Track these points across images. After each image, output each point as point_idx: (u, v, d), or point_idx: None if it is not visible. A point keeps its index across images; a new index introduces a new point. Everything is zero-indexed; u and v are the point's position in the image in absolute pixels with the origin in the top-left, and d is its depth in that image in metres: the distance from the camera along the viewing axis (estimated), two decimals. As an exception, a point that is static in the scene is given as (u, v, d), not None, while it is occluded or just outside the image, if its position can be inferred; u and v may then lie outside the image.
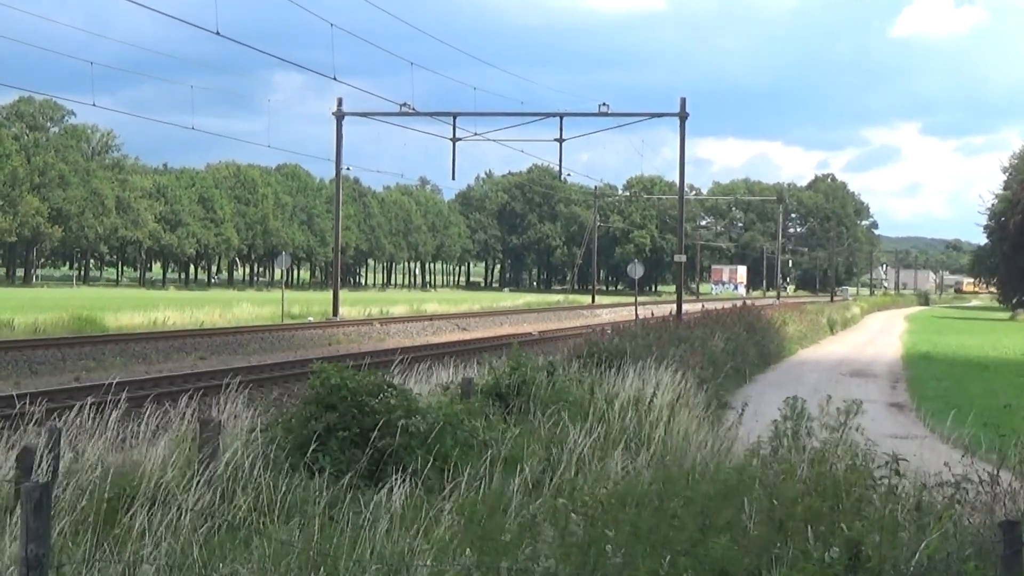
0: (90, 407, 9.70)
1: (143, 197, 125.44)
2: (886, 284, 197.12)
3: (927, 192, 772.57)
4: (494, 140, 48.11)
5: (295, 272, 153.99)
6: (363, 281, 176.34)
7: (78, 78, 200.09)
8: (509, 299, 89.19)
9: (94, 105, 49.52)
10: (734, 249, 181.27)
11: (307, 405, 9.79)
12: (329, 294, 56.25)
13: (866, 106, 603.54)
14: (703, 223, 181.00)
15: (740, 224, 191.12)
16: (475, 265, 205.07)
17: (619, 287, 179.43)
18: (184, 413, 9.59)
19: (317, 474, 8.70)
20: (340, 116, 47.47)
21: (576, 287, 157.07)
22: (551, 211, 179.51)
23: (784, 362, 32.31)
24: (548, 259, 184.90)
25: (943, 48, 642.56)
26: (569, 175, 69.84)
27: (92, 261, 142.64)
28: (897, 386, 25.71)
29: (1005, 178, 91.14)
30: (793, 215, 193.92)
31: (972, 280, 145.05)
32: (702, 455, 10.35)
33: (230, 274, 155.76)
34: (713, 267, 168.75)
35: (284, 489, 8.07)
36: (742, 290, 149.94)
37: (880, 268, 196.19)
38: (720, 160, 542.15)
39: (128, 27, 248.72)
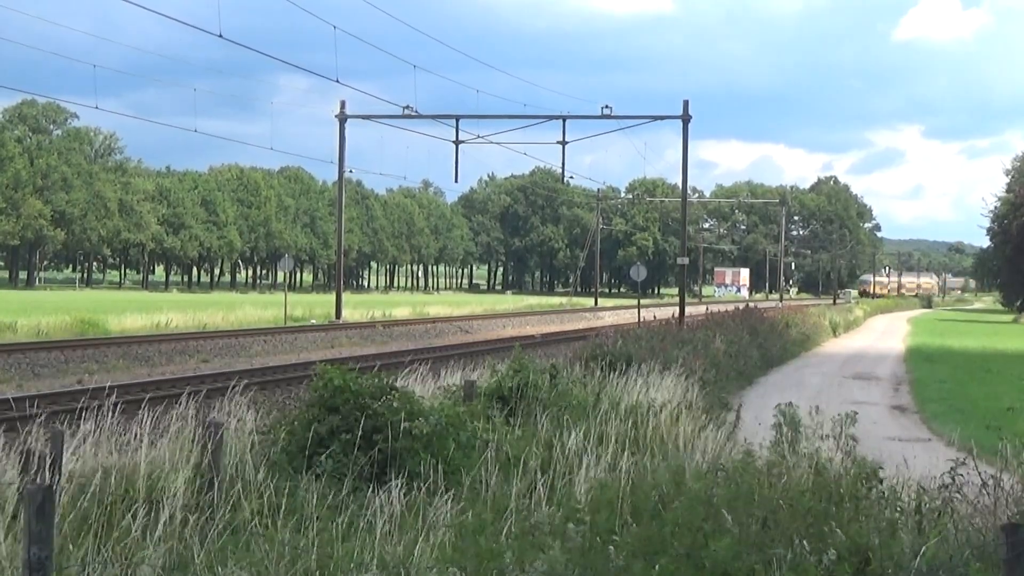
0: (92, 409, 9.70)
1: (146, 200, 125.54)
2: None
3: (930, 195, 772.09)
4: (497, 143, 48.26)
5: (298, 275, 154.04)
6: (366, 284, 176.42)
7: (81, 81, 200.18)
8: (512, 301, 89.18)
9: (97, 108, 49.73)
10: (737, 252, 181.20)
11: (310, 407, 9.80)
12: (332, 296, 56.29)
13: (870, 109, 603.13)
14: (706, 226, 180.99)
15: (743, 227, 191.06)
16: (478, 268, 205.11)
17: (622, 290, 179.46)
18: (187, 415, 9.60)
19: (319, 477, 8.71)
20: (343, 119, 47.54)
21: (579, 290, 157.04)
22: (554, 214, 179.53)
23: (787, 365, 32.28)
24: (551, 261, 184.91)
25: (947, 51, 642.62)
26: (572, 178, 69.67)
27: (95, 264, 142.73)
28: (900, 389, 25.68)
29: (1008, 181, 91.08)
30: (796, 218, 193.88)
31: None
32: (704, 458, 10.35)
33: (232, 277, 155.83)
34: (716, 270, 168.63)
35: (286, 491, 8.07)
36: (745, 293, 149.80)
37: (883, 271, 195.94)
38: (723, 163, 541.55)
39: (133, 31, 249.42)
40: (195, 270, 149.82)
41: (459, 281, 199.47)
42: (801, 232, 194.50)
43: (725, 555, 6.26)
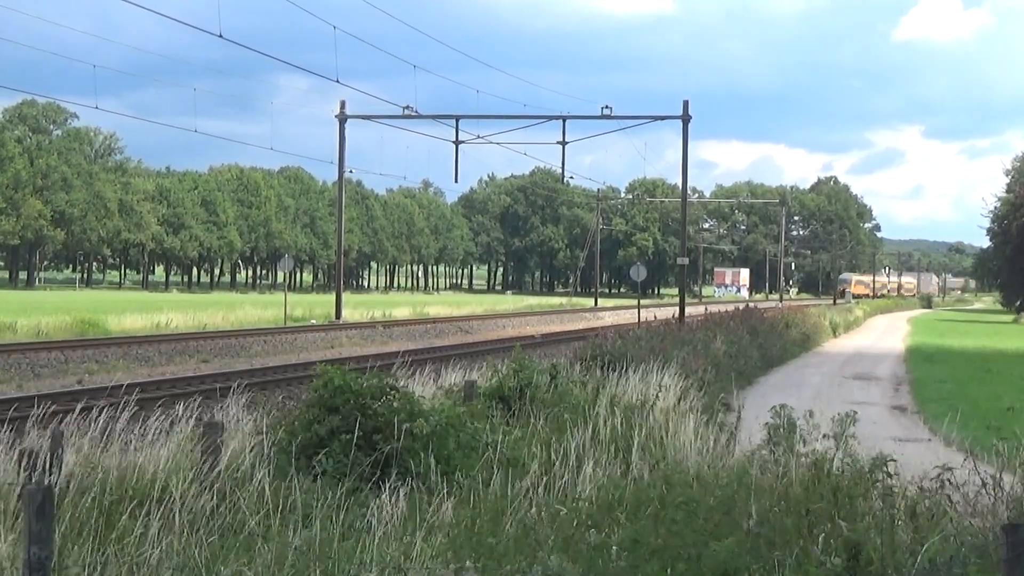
0: (93, 409, 9.70)
1: (146, 200, 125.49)
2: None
3: (930, 195, 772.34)
4: (497, 143, 48.26)
5: (298, 275, 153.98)
6: (366, 284, 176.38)
7: (81, 81, 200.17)
8: (512, 302, 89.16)
9: (97, 108, 49.77)
10: (737, 252, 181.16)
11: (310, 408, 9.80)
12: (332, 297, 56.27)
13: (870, 109, 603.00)
14: (706, 226, 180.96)
15: (743, 227, 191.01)
16: (478, 268, 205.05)
17: (621, 290, 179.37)
18: (187, 416, 9.60)
19: (319, 477, 8.71)
20: (343, 119, 47.54)
21: (579, 290, 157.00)
22: (554, 214, 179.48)
23: (787, 365, 32.27)
24: (551, 262, 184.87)
25: (948, 51, 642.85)
26: (572, 178, 69.82)
27: (95, 264, 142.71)
28: (900, 389, 25.67)
29: (1008, 181, 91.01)
30: (796, 218, 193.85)
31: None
32: (703, 458, 10.35)
33: (232, 277, 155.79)
34: (716, 270, 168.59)
35: (286, 492, 8.07)
36: (745, 293, 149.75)
37: (883, 271, 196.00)
38: (723, 163, 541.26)
39: (133, 31, 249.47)
40: (195, 270, 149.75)
41: (459, 281, 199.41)
42: (801, 232, 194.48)
43: (726, 556, 6.26)
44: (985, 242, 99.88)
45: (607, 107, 44.28)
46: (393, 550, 6.67)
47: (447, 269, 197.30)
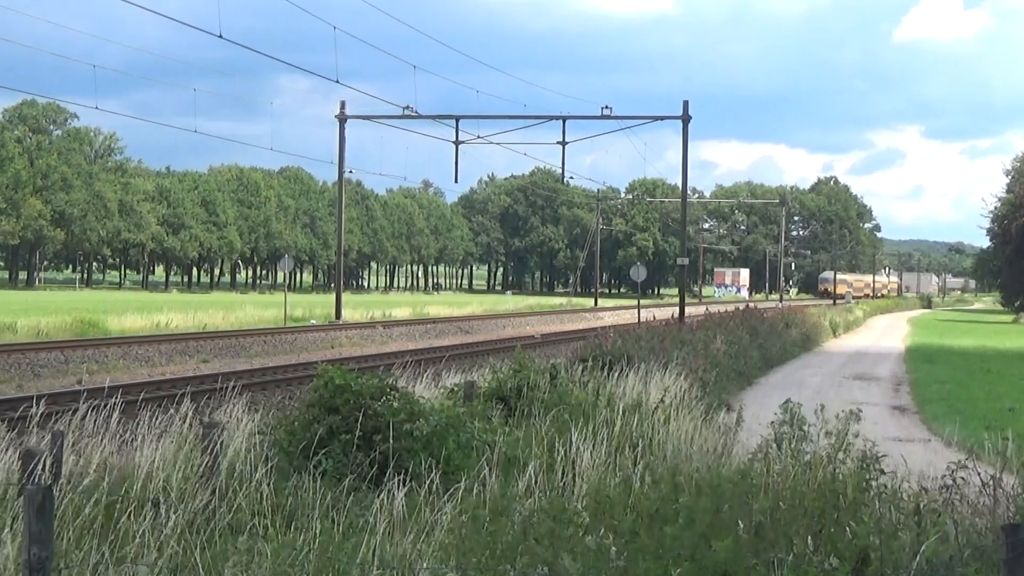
0: (93, 410, 9.70)
1: (146, 200, 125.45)
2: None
3: (930, 195, 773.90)
4: (497, 143, 48.27)
5: (298, 275, 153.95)
6: (366, 284, 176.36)
7: (81, 81, 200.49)
8: (512, 302, 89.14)
9: (97, 108, 49.75)
10: (737, 252, 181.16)
11: (310, 408, 9.80)
12: (332, 297, 56.29)
13: (870, 109, 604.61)
14: (706, 226, 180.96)
15: (743, 227, 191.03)
16: (478, 268, 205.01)
17: (622, 290, 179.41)
18: (187, 416, 9.60)
19: (319, 477, 8.71)
20: (343, 119, 47.55)
21: (579, 290, 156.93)
22: (554, 214, 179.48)
23: (787, 365, 32.27)
24: (551, 262, 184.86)
25: (948, 52, 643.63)
26: (572, 178, 70.09)
27: (95, 264, 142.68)
28: (900, 389, 25.66)
29: (1008, 181, 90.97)
30: (796, 218, 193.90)
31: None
32: (704, 458, 10.34)
33: (232, 277, 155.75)
34: (716, 270, 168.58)
35: (286, 492, 8.07)
36: (745, 293, 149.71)
37: (883, 271, 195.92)
38: (724, 163, 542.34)
39: (133, 31, 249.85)
40: (195, 270, 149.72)
41: (459, 281, 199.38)
42: (801, 232, 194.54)
43: (727, 556, 6.26)
44: (985, 242, 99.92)
45: (607, 107, 44.33)
46: (393, 550, 6.67)
47: (447, 269, 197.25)
